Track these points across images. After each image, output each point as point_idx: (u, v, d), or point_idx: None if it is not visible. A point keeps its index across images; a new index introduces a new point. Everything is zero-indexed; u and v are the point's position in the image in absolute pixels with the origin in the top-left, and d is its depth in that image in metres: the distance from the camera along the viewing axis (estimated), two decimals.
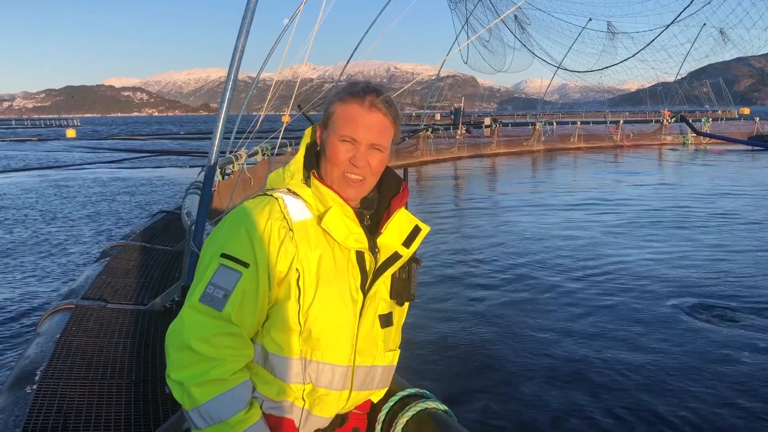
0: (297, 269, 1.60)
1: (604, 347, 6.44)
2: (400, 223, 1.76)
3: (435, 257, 10.55)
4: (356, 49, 23.82)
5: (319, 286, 1.61)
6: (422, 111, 48.56)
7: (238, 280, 1.55)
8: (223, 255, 1.58)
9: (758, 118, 45.83)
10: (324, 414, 1.69)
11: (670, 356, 6.19)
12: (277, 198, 1.65)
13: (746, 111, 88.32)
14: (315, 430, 1.72)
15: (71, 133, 75.67)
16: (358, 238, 1.66)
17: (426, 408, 1.70)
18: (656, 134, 43.54)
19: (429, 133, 33.15)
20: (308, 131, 1.82)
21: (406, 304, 1.85)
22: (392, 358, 1.83)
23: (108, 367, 3.88)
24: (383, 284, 1.74)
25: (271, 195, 1.67)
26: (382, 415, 1.78)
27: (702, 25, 43.06)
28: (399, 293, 1.77)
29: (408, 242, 1.75)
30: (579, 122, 43.02)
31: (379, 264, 1.72)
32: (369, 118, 1.65)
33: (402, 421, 1.69)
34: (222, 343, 1.53)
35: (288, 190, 1.70)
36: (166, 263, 6.80)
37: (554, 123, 42.48)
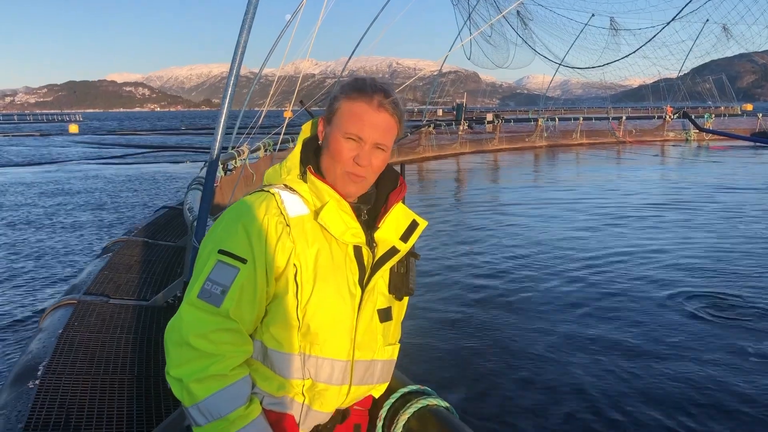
0: (294, 264, 1.60)
1: (604, 343, 6.44)
2: (398, 218, 1.76)
3: (435, 251, 10.55)
4: (358, 45, 23.78)
5: (317, 281, 1.61)
6: (424, 107, 48.51)
7: (236, 276, 1.55)
8: (221, 251, 1.58)
9: (761, 115, 45.56)
10: (324, 409, 1.69)
11: (669, 353, 6.19)
12: (274, 194, 1.66)
13: (749, 107, 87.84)
14: (315, 426, 1.72)
15: (74, 129, 75.60)
16: (356, 233, 1.66)
17: (428, 405, 1.70)
18: (659, 130, 43.41)
19: (431, 129, 33.08)
20: (306, 126, 1.81)
21: (406, 299, 1.85)
22: (392, 353, 1.83)
23: (110, 363, 3.89)
24: (381, 279, 1.74)
25: (268, 191, 1.68)
26: (384, 412, 1.78)
27: (705, 21, 42.96)
28: (398, 288, 1.77)
29: (405, 237, 1.75)
30: (581, 118, 42.84)
31: (377, 258, 1.72)
32: (376, 118, 1.64)
33: (403, 418, 1.69)
34: (221, 339, 1.53)
35: (285, 186, 1.70)
36: (169, 259, 6.80)
37: (556, 119, 42.37)
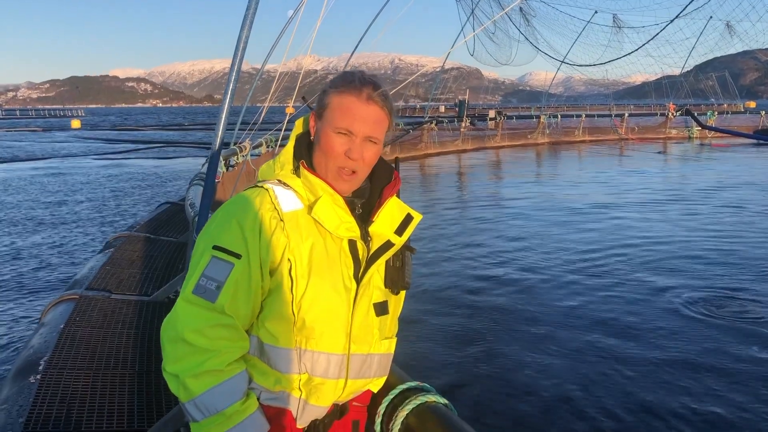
0: (289, 259, 1.60)
1: (602, 340, 6.45)
2: (392, 212, 1.76)
3: (435, 247, 10.55)
4: (361, 41, 23.78)
5: (312, 276, 1.61)
6: (426, 103, 48.43)
7: (231, 271, 1.56)
8: (215, 247, 1.59)
9: (764, 112, 45.45)
10: (320, 403, 1.70)
11: (668, 350, 6.19)
12: (268, 189, 1.67)
13: (752, 104, 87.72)
14: (312, 421, 1.72)
15: (76, 124, 75.69)
16: (350, 227, 1.66)
17: (426, 401, 1.70)
18: (661, 127, 43.34)
19: (433, 126, 33.08)
20: (299, 122, 1.82)
21: (403, 293, 1.85)
22: (389, 346, 1.83)
23: (111, 358, 3.89)
24: (377, 272, 1.74)
25: (262, 186, 1.68)
26: (382, 408, 1.78)
27: (708, 19, 42.80)
28: (393, 281, 1.77)
29: (400, 230, 1.75)
30: (584, 115, 42.76)
31: (372, 252, 1.72)
32: (366, 111, 1.64)
33: (402, 415, 1.69)
34: (217, 335, 1.53)
35: (278, 181, 1.70)
36: (170, 254, 6.80)
37: (559, 116, 42.25)
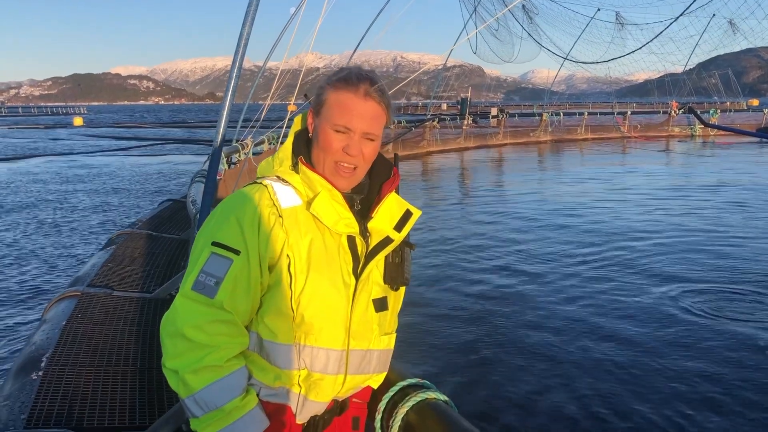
0: (288, 255, 1.61)
1: (601, 338, 6.44)
2: (391, 207, 1.76)
3: (436, 244, 10.55)
4: (363, 39, 23.72)
5: (311, 272, 1.62)
6: (429, 101, 48.38)
7: (230, 267, 1.56)
8: (214, 243, 1.59)
9: (767, 110, 45.42)
10: (319, 399, 1.70)
11: (664, 349, 6.19)
12: (266, 185, 1.67)
13: (755, 102, 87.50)
14: (312, 416, 1.73)
15: (78, 121, 75.73)
16: (349, 223, 1.66)
17: (426, 398, 1.70)
18: (664, 125, 43.24)
19: (435, 123, 33.05)
20: (298, 118, 1.83)
21: (402, 289, 1.85)
22: (388, 342, 1.84)
23: (113, 355, 3.90)
24: (376, 268, 1.75)
25: (261, 183, 1.69)
26: (382, 405, 1.79)
27: (711, 16, 42.67)
28: (393, 277, 1.77)
29: (399, 226, 1.75)
30: (586, 113, 42.68)
31: (371, 248, 1.72)
32: (363, 107, 1.64)
33: (402, 411, 1.70)
34: (216, 330, 1.54)
35: (277, 177, 1.71)
36: (172, 251, 6.81)
37: (561, 114, 42.16)
